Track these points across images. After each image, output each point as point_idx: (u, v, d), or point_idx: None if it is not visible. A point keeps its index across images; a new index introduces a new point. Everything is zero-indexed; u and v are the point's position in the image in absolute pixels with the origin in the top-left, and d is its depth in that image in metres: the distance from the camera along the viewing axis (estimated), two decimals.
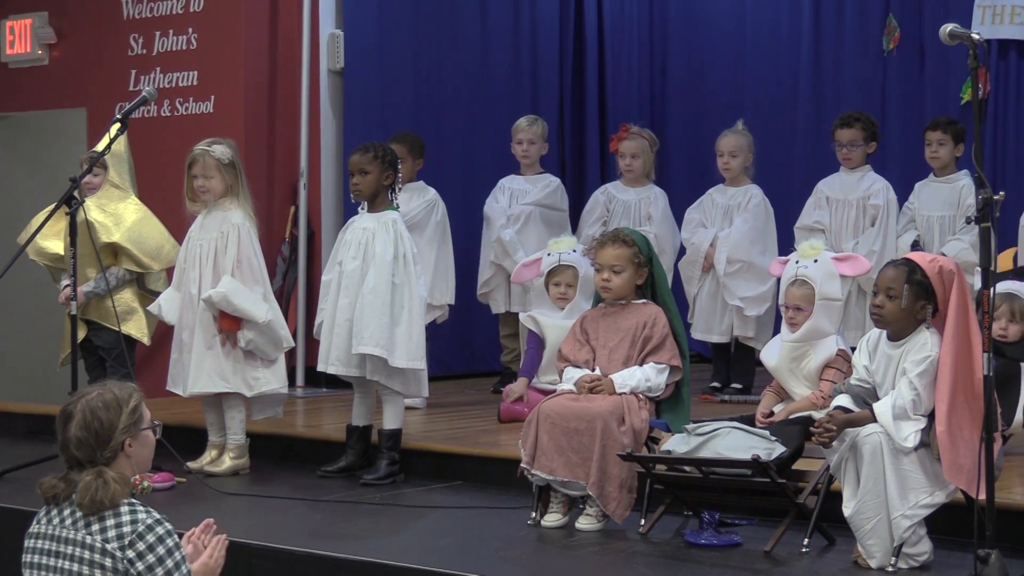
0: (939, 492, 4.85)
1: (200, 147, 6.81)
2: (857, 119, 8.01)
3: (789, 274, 5.90)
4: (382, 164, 6.62)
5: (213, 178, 6.78)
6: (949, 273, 4.89)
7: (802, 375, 5.78)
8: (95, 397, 3.84)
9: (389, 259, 6.50)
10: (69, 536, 3.76)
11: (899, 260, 5.14)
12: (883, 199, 7.93)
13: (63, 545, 3.77)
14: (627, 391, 5.61)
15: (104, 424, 3.81)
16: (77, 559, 3.73)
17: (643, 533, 5.47)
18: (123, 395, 3.88)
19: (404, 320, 6.49)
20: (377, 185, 6.63)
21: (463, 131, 9.70)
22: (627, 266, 5.78)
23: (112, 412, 3.82)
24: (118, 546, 3.70)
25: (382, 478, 6.53)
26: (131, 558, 3.70)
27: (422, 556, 5.12)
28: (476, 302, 9.02)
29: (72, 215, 6.52)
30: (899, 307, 4.95)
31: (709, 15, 10.60)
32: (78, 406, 3.84)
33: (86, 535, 3.73)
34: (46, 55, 9.69)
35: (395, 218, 6.63)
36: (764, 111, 9.82)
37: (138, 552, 3.70)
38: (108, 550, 3.70)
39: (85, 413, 3.81)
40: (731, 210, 8.28)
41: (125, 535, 3.71)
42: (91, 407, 3.82)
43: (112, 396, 3.86)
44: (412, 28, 9.43)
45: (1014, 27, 9.05)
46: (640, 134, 8.55)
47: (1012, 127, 9.20)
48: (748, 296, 8.13)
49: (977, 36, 4.70)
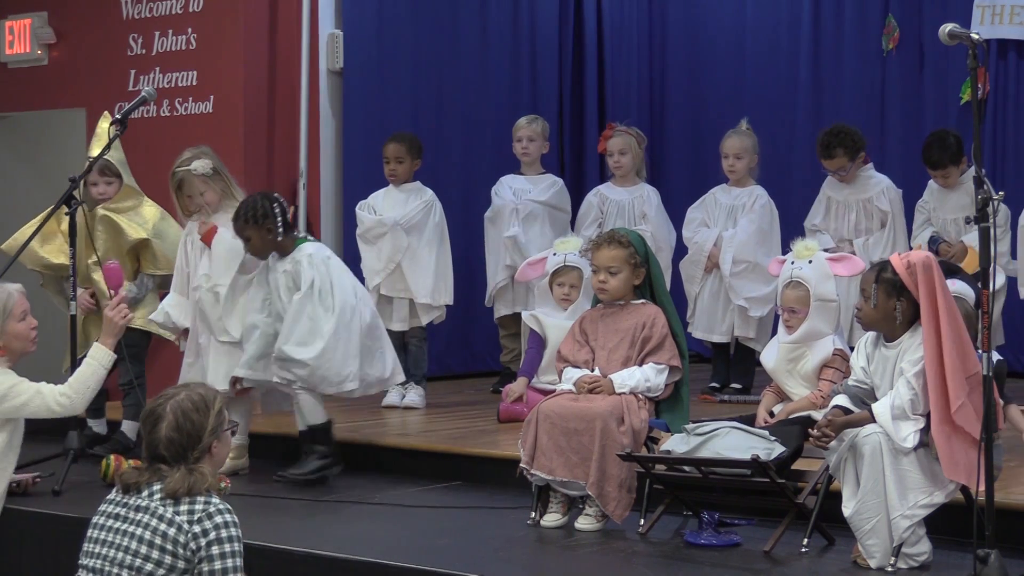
0: (938, 492, 4.86)
1: (181, 169, 6.81)
2: (838, 144, 7.88)
3: (784, 275, 5.89)
4: (257, 227, 6.45)
5: (207, 192, 6.80)
6: (922, 267, 4.85)
7: (799, 376, 5.78)
8: (184, 399, 4.04)
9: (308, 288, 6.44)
10: (142, 504, 3.95)
11: (878, 261, 5.14)
12: (887, 201, 7.93)
13: (135, 512, 3.96)
14: (626, 391, 5.61)
15: (196, 425, 4.01)
16: (143, 524, 3.92)
17: (642, 533, 5.47)
18: (209, 397, 4.08)
19: (323, 324, 6.40)
20: (264, 246, 6.49)
21: (462, 131, 9.70)
22: (623, 267, 5.78)
23: (201, 414, 4.05)
24: (187, 519, 3.90)
25: (307, 473, 6.45)
26: (196, 533, 3.90)
27: (422, 556, 5.12)
28: (476, 302, 9.03)
29: (72, 215, 6.53)
30: (871, 307, 4.95)
31: (709, 15, 10.61)
32: (167, 407, 4.03)
33: (159, 506, 3.93)
34: (45, 55, 9.69)
35: (309, 252, 6.51)
36: (764, 111, 9.81)
37: (204, 529, 3.91)
38: (176, 521, 3.90)
39: (177, 415, 4.03)
40: (735, 210, 8.27)
41: (196, 511, 3.92)
42: (182, 409, 4.03)
43: (200, 397, 4.09)
44: (412, 28, 9.43)
45: (1013, 27, 9.06)
46: (627, 131, 8.53)
47: (1011, 127, 9.21)
48: (753, 296, 8.13)
49: (976, 36, 4.70)
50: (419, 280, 7.97)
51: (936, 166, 7.82)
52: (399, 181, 8.09)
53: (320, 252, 6.58)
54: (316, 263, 6.47)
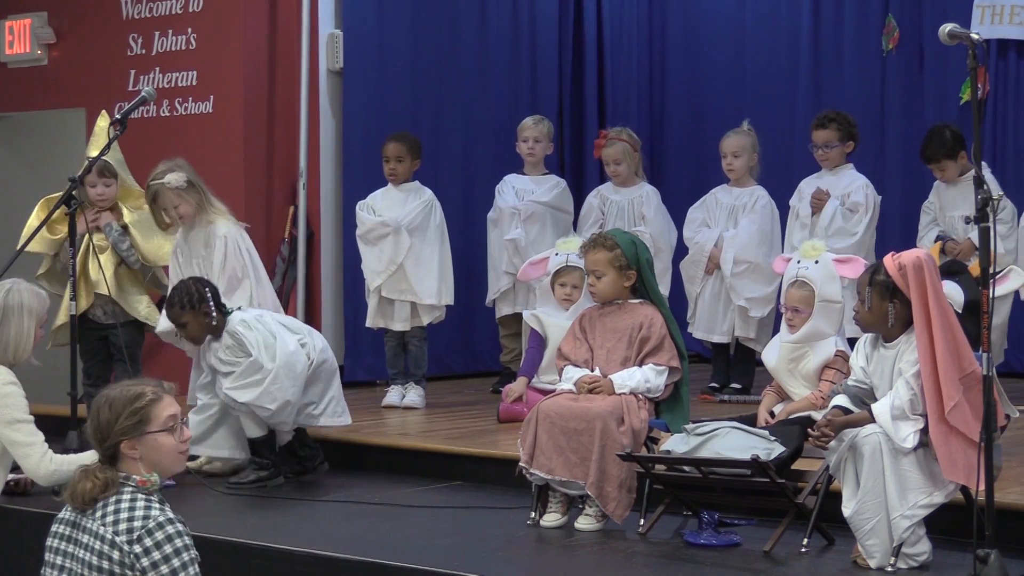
0: (938, 492, 4.85)
1: (155, 182, 6.86)
2: (832, 119, 8.00)
3: (790, 274, 5.88)
4: (193, 312, 6.44)
5: (180, 205, 6.84)
6: (912, 269, 4.85)
7: (800, 376, 5.78)
8: (108, 393, 3.93)
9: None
10: (85, 524, 3.82)
11: (873, 263, 5.14)
12: (862, 196, 7.92)
13: (79, 532, 3.83)
14: (626, 391, 5.61)
15: (102, 422, 3.87)
16: (88, 547, 3.78)
17: (642, 533, 5.46)
18: (129, 397, 3.89)
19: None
20: (200, 330, 6.49)
21: (462, 131, 9.70)
22: (608, 270, 5.77)
23: (112, 412, 3.85)
24: (126, 540, 3.74)
25: (246, 483, 6.49)
26: (137, 553, 3.73)
27: (422, 556, 5.12)
28: (476, 302, 9.03)
29: (72, 215, 6.54)
30: (865, 309, 4.96)
31: (708, 15, 10.61)
32: (98, 398, 3.93)
33: (100, 526, 3.78)
34: (45, 55, 9.69)
35: (241, 318, 6.50)
36: (764, 111, 9.81)
37: (144, 548, 3.73)
38: (117, 543, 3.74)
39: (95, 406, 3.91)
40: (736, 210, 8.26)
41: (135, 529, 3.75)
42: (98, 403, 3.92)
43: (120, 395, 3.89)
44: (412, 28, 9.43)
45: (1013, 27, 9.07)
46: (619, 137, 8.49)
47: (1011, 127, 9.21)
48: (754, 297, 8.13)
49: (976, 36, 4.71)
50: (423, 281, 7.96)
51: (930, 160, 7.83)
52: (399, 181, 8.08)
53: (249, 314, 6.58)
54: (253, 326, 6.49)
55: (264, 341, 6.44)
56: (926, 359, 4.78)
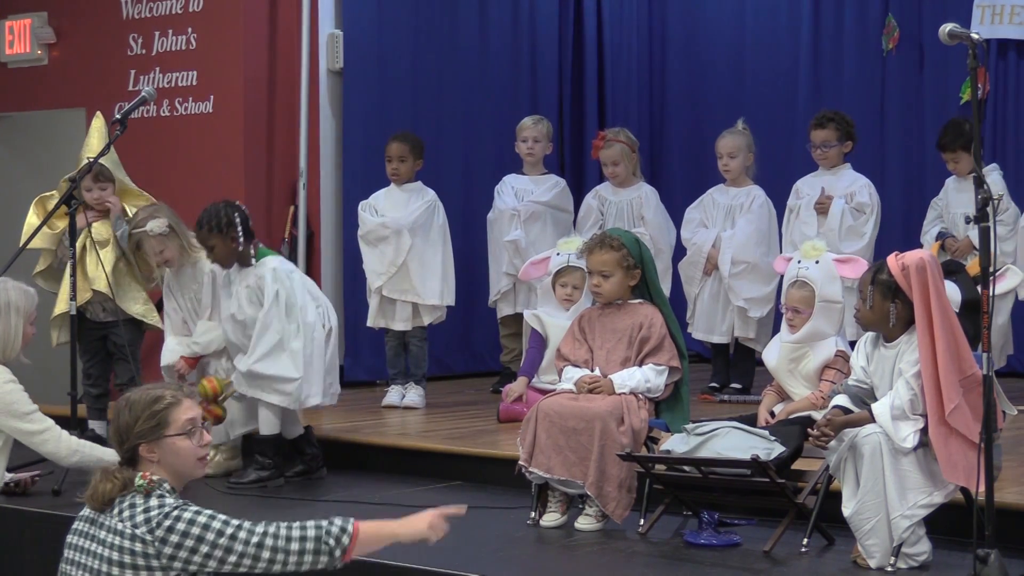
0: (938, 492, 4.86)
1: (137, 231, 6.86)
2: (831, 119, 8.00)
3: (791, 274, 5.87)
4: (220, 235, 6.49)
5: (165, 249, 6.86)
6: (915, 269, 4.86)
7: (801, 376, 5.77)
8: (130, 395, 3.97)
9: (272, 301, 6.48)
10: (103, 521, 3.83)
11: (876, 262, 5.14)
12: (867, 196, 7.92)
13: (97, 529, 3.84)
14: (626, 392, 5.61)
15: (122, 423, 3.91)
16: (107, 544, 3.79)
17: (642, 533, 5.47)
18: (150, 399, 3.92)
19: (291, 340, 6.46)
20: (227, 254, 6.55)
21: (462, 131, 9.70)
22: (615, 270, 5.78)
23: (132, 414, 3.90)
24: (147, 530, 3.76)
25: (246, 483, 6.53)
26: (160, 537, 3.76)
27: (422, 556, 5.11)
28: (476, 302, 9.03)
29: (72, 215, 6.54)
30: (867, 309, 4.96)
31: (708, 15, 10.61)
32: (120, 401, 3.95)
33: (118, 522, 3.79)
34: (45, 55, 9.69)
35: (273, 266, 6.55)
36: (764, 111, 9.82)
37: (165, 531, 3.75)
38: (138, 535, 3.77)
39: (116, 407, 3.94)
40: (733, 211, 8.26)
41: (152, 519, 3.77)
42: (119, 405, 3.96)
43: (140, 398, 3.93)
44: (412, 28, 9.43)
45: (1013, 27, 9.07)
46: (616, 138, 8.48)
47: (1012, 127, 9.21)
48: (752, 297, 8.12)
49: (976, 36, 4.71)
50: (426, 282, 7.96)
51: (945, 148, 7.81)
52: (401, 181, 8.08)
53: (283, 266, 6.62)
54: (280, 277, 6.52)
55: (287, 300, 6.47)
56: (927, 360, 4.78)
